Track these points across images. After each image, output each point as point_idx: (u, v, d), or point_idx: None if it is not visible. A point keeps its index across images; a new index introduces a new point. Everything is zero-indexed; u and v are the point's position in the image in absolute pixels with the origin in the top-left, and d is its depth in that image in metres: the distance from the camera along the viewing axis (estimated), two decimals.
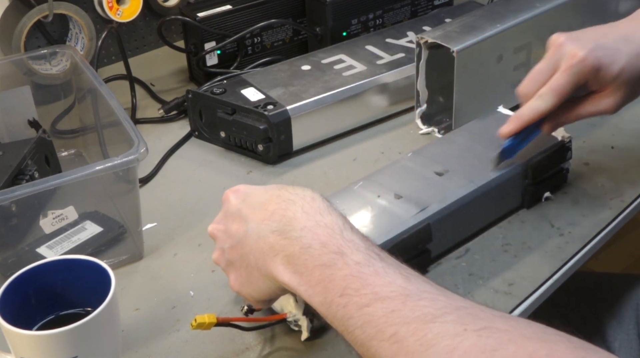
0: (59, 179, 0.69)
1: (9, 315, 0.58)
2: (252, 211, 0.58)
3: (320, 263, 0.53)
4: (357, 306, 0.50)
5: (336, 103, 0.94)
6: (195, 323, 0.63)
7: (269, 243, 0.56)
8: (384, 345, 0.47)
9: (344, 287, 0.51)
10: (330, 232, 0.54)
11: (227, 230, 0.61)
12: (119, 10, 1.11)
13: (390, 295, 0.49)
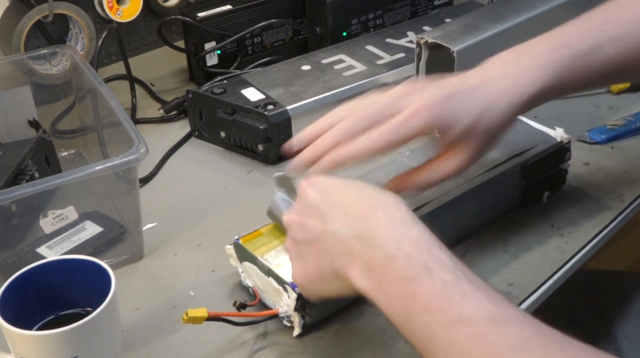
0: (59, 179, 0.69)
1: (9, 315, 0.58)
2: (332, 211, 0.56)
3: (403, 276, 0.51)
4: (441, 326, 0.49)
5: (336, 103, 0.93)
6: (186, 317, 0.63)
7: (349, 247, 0.54)
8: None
9: (428, 304, 0.50)
10: (417, 246, 0.52)
11: (304, 223, 0.58)
12: (119, 10, 1.11)
13: (477, 318, 0.48)
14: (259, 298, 0.69)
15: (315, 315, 0.67)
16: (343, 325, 0.68)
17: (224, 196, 0.87)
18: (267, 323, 0.68)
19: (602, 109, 0.98)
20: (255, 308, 0.69)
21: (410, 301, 0.51)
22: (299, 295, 0.64)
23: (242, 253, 0.70)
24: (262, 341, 0.67)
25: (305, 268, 0.59)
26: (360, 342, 0.67)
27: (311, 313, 0.66)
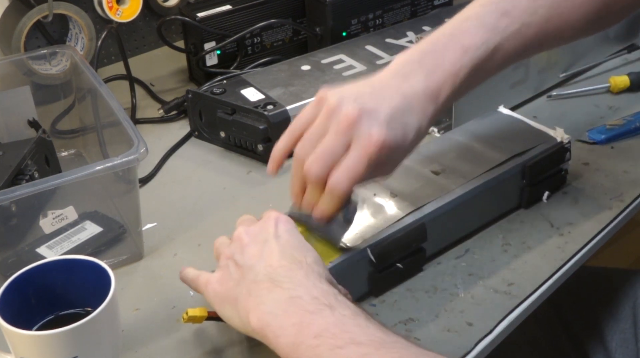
0: (59, 179, 0.69)
1: (9, 315, 0.58)
2: (270, 254, 0.60)
3: (305, 310, 0.55)
4: (330, 347, 0.51)
5: None
6: (186, 317, 0.63)
7: (261, 287, 0.58)
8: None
9: (321, 330, 0.53)
10: (324, 292, 0.56)
11: (246, 248, 0.62)
12: (119, 10, 1.11)
13: (366, 341, 0.51)
14: None
15: None
16: None
17: (224, 196, 0.87)
18: None
19: (602, 109, 0.98)
20: None
21: (305, 329, 0.53)
22: None
23: None
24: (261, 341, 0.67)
25: (223, 279, 0.62)
26: None
27: None
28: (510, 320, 0.69)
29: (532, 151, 0.79)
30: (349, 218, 0.68)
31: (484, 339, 0.67)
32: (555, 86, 1.03)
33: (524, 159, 0.78)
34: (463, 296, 0.71)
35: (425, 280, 0.73)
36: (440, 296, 0.71)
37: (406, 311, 0.69)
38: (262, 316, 0.56)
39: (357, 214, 0.72)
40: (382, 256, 0.69)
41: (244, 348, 0.67)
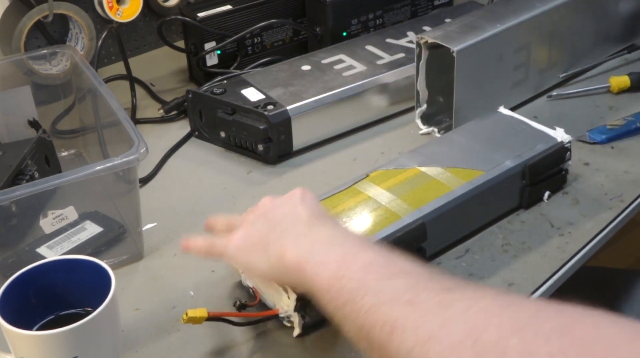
0: (59, 179, 0.69)
1: (9, 315, 0.58)
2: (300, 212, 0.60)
3: (347, 247, 0.53)
4: (377, 277, 0.49)
5: (336, 103, 0.94)
6: (186, 317, 0.63)
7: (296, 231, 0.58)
8: (397, 307, 0.47)
9: (368, 264, 0.51)
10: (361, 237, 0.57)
11: (274, 208, 0.62)
12: (119, 10, 1.11)
13: (414, 272, 0.50)
14: (259, 298, 0.69)
15: (315, 315, 0.67)
16: None
17: (224, 196, 0.87)
18: (267, 323, 0.68)
19: (602, 109, 0.98)
20: (256, 308, 0.69)
21: (347, 263, 0.52)
22: (299, 295, 0.64)
23: None
24: (262, 341, 0.67)
25: (248, 234, 0.61)
26: None
27: (311, 314, 0.66)
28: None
29: (532, 151, 0.79)
30: None
31: None
32: (556, 86, 1.03)
33: (524, 159, 0.78)
34: None
35: None
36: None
37: None
38: (300, 253, 0.55)
39: (357, 213, 0.72)
40: None
41: (245, 348, 0.67)
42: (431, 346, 0.43)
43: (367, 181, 0.77)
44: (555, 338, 0.39)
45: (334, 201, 0.75)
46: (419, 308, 0.46)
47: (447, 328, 0.43)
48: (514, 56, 0.94)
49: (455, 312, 0.44)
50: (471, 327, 0.42)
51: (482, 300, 0.44)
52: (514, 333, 0.40)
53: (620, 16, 1.06)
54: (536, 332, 0.40)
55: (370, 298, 0.48)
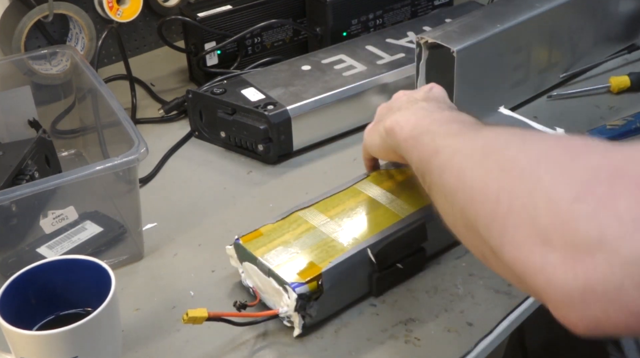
0: (59, 179, 0.69)
1: (9, 315, 0.58)
2: (415, 94, 0.73)
3: (427, 111, 0.66)
4: (440, 124, 0.62)
5: (336, 103, 0.94)
6: (186, 317, 0.63)
7: (400, 108, 0.70)
8: (446, 138, 0.59)
9: (436, 119, 0.64)
10: (448, 106, 0.70)
11: (399, 97, 0.74)
12: (119, 10, 1.11)
13: (468, 120, 0.62)
14: (259, 298, 0.69)
15: (315, 315, 0.67)
16: (343, 325, 0.69)
17: (224, 196, 0.87)
18: (267, 323, 0.68)
19: (602, 109, 0.98)
20: (256, 308, 0.69)
21: (424, 119, 0.65)
22: (299, 295, 0.64)
23: (243, 253, 0.70)
24: (262, 341, 0.67)
25: (374, 122, 0.74)
26: (360, 342, 0.67)
27: (311, 314, 0.66)
28: (511, 320, 0.69)
29: None
30: None
31: (484, 339, 0.67)
32: (556, 86, 1.03)
33: None
34: (463, 296, 0.71)
35: (425, 280, 0.73)
36: (440, 296, 0.71)
37: (406, 311, 0.70)
38: (394, 119, 0.67)
39: (356, 213, 0.72)
40: (381, 256, 0.69)
41: (245, 348, 0.67)
42: (456, 156, 0.55)
43: (367, 181, 0.77)
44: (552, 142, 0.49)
45: (334, 201, 0.75)
46: (458, 137, 0.58)
47: (473, 142, 0.55)
48: (514, 56, 0.94)
49: (484, 133, 0.56)
50: (492, 137, 0.54)
51: (509, 128, 0.56)
52: (520, 139, 0.51)
53: (620, 16, 1.06)
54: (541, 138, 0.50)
55: (431, 136, 0.61)
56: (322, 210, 0.73)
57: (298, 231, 0.71)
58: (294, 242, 0.70)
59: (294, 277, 0.66)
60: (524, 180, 0.45)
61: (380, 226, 0.71)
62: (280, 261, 0.67)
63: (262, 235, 0.71)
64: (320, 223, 0.72)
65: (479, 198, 0.49)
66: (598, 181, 0.41)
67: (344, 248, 0.68)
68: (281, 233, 0.71)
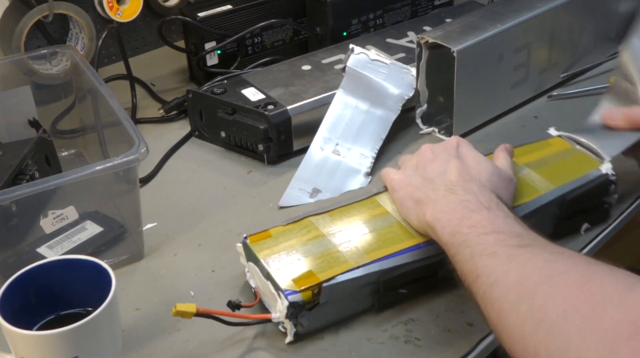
0: (59, 179, 0.69)
1: (9, 315, 0.58)
2: (450, 171, 0.70)
3: (468, 209, 0.64)
4: (477, 234, 0.61)
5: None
6: (175, 311, 0.63)
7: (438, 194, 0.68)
8: (483, 258, 0.59)
9: (475, 223, 0.63)
10: (488, 199, 0.66)
11: (429, 162, 0.73)
12: (119, 10, 1.11)
13: (507, 231, 0.61)
14: (259, 299, 0.69)
15: (307, 324, 0.66)
16: (343, 325, 0.68)
17: (224, 196, 0.87)
18: (267, 326, 0.68)
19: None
20: (253, 309, 0.69)
21: (463, 221, 0.63)
22: (290, 303, 0.64)
23: (248, 253, 0.70)
24: (262, 341, 0.67)
25: (405, 183, 0.73)
26: (360, 341, 0.67)
27: (302, 323, 0.66)
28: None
29: (573, 183, 0.75)
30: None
31: (484, 339, 0.67)
32: (556, 86, 1.03)
33: (563, 192, 0.74)
34: (463, 297, 0.71)
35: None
36: (440, 296, 0.71)
37: (406, 311, 0.69)
38: (435, 214, 0.66)
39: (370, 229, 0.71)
40: (389, 283, 0.68)
41: (245, 349, 0.67)
42: (494, 290, 0.57)
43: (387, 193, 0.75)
44: (573, 288, 0.52)
45: (350, 210, 0.73)
46: (495, 260, 0.58)
47: (506, 277, 0.56)
48: (514, 56, 0.94)
49: (515, 264, 0.57)
50: (521, 275, 0.55)
51: (537, 255, 0.57)
52: (545, 281, 0.53)
53: (620, 16, 1.06)
54: (564, 281, 0.53)
55: (469, 250, 0.61)
56: (335, 218, 0.72)
57: (306, 238, 0.70)
58: (299, 248, 0.69)
59: (289, 284, 0.65)
60: (556, 337, 0.50)
61: (391, 245, 0.69)
62: (280, 266, 0.67)
63: (270, 237, 0.70)
64: (329, 232, 0.70)
65: (519, 346, 0.53)
66: (620, 340, 0.47)
67: (347, 262, 0.67)
68: (289, 237, 0.70)
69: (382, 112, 0.92)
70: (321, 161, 0.88)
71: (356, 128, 0.91)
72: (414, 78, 0.93)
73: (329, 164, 0.88)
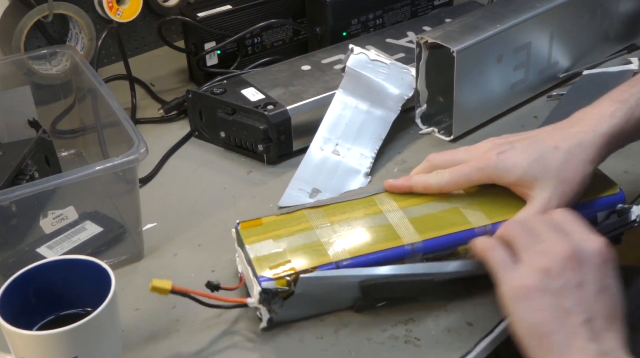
0: (59, 179, 0.69)
1: (9, 315, 0.58)
2: (598, 311, 0.57)
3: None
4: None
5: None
6: (151, 286, 0.63)
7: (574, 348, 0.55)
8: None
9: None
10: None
11: (578, 287, 0.57)
12: (119, 10, 1.11)
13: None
14: (242, 283, 0.69)
15: (280, 313, 0.66)
16: (343, 325, 0.69)
17: (224, 196, 0.87)
18: (272, 329, 0.68)
19: None
20: (234, 294, 0.69)
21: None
22: (263, 289, 0.65)
23: (238, 239, 0.71)
24: (261, 341, 0.68)
25: (533, 302, 0.58)
26: (360, 341, 0.67)
27: (275, 310, 0.66)
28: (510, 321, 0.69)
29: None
30: None
31: (484, 339, 0.67)
32: (555, 86, 1.03)
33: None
34: (463, 297, 0.71)
35: None
36: (441, 296, 0.71)
37: (406, 311, 0.69)
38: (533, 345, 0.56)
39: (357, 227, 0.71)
40: (370, 292, 0.68)
41: (244, 349, 0.67)
42: None
43: (387, 195, 0.75)
44: None
45: (344, 207, 0.73)
46: None
47: None
48: (513, 55, 0.94)
49: None
50: None
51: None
52: None
53: (620, 16, 1.06)
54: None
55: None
56: (328, 213, 0.73)
57: (295, 229, 0.71)
58: (285, 238, 0.70)
59: (266, 271, 0.66)
60: None
61: (375, 245, 0.68)
62: (262, 253, 0.68)
63: (262, 225, 0.71)
64: (319, 225, 0.71)
65: None
66: None
67: (326, 255, 0.67)
68: (279, 226, 0.71)
69: (381, 112, 0.92)
70: (321, 161, 0.88)
71: (356, 128, 0.91)
72: (413, 78, 0.93)
73: (328, 164, 0.88)
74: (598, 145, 0.69)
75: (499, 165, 0.70)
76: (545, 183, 0.69)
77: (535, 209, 0.68)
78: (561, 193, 0.68)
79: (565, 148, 0.69)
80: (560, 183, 0.68)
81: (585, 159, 0.69)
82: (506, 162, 0.70)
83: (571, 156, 0.69)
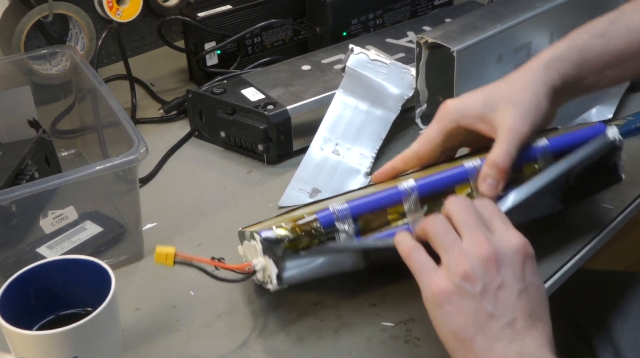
0: (59, 179, 0.69)
1: (9, 315, 0.58)
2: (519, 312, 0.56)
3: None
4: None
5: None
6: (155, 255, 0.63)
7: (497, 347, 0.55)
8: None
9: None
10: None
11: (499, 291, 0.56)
12: (119, 10, 1.11)
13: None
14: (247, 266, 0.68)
15: (287, 268, 0.65)
16: (343, 325, 0.69)
17: (224, 196, 0.87)
18: (267, 324, 0.68)
19: None
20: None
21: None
22: (264, 238, 0.64)
23: (241, 236, 0.71)
24: (262, 341, 0.68)
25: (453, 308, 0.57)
26: (360, 341, 0.67)
27: (278, 254, 0.65)
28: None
29: (579, 153, 0.72)
30: None
31: None
32: None
33: (569, 165, 0.71)
34: None
35: None
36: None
37: (406, 311, 0.69)
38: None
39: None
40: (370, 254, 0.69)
41: (244, 348, 0.67)
42: None
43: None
44: None
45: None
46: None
47: None
48: (514, 55, 0.94)
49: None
50: None
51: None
52: None
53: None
54: None
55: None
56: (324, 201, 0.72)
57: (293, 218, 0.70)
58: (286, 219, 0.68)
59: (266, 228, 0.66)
60: None
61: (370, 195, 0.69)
62: (264, 226, 0.67)
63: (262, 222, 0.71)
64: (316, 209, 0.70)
65: None
66: None
67: (326, 204, 0.68)
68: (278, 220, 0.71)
69: (381, 112, 0.92)
70: (321, 161, 0.88)
71: (356, 128, 0.91)
72: (413, 78, 0.93)
73: (328, 164, 0.88)
74: (542, 66, 0.71)
75: (455, 106, 0.72)
76: (502, 112, 0.69)
77: (504, 139, 0.68)
78: (522, 114, 0.69)
79: (511, 77, 0.72)
80: (515, 106, 0.69)
81: (533, 79, 0.71)
82: (461, 103, 0.72)
83: (518, 79, 0.71)
